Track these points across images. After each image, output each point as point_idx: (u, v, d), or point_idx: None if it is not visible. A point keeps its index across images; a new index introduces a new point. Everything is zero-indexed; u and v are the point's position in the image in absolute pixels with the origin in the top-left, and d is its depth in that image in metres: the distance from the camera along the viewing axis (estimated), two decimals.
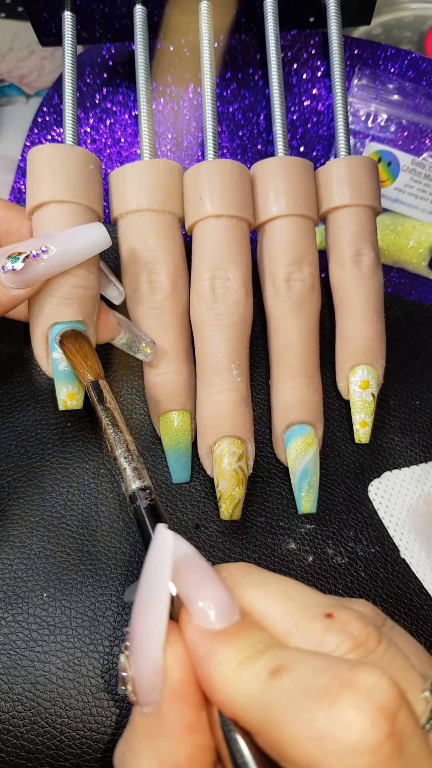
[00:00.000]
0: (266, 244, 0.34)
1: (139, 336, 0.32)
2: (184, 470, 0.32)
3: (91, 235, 0.28)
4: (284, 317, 0.33)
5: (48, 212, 0.31)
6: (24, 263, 0.27)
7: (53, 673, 0.28)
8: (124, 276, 0.33)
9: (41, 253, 0.27)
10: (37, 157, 0.31)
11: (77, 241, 0.28)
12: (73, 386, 0.29)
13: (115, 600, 0.29)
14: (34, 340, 0.30)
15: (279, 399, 0.33)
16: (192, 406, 0.33)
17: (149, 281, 0.32)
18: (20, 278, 0.27)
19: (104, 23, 0.39)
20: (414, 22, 0.51)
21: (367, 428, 0.34)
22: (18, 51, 0.49)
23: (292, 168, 0.34)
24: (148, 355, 0.32)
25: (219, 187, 0.32)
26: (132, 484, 0.25)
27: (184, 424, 0.32)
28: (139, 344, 0.32)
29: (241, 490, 0.30)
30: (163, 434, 0.32)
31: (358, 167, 0.35)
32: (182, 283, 0.33)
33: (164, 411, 0.32)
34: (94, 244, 0.28)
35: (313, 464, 0.32)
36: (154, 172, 0.33)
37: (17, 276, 0.27)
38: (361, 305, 0.34)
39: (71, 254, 0.28)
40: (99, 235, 0.28)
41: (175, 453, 0.32)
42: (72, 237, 0.28)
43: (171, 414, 0.32)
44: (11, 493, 0.31)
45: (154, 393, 0.32)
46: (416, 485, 0.34)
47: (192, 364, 0.33)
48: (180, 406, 0.32)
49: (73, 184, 0.31)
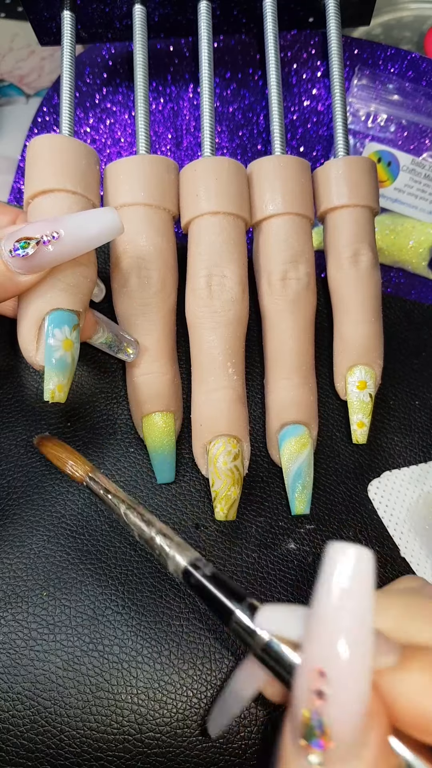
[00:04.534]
0: (262, 242, 0.34)
1: (121, 335, 0.31)
2: (169, 471, 0.32)
3: (104, 220, 0.27)
4: (279, 316, 0.33)
5: (47, 200, 0.30)
6: (34, 249, 0.26)
7: (53, 672, 0.28)
8: (113, 270, 0.32)
9: (52, 240, 0.26)
10: (38, 146, 0.31)
11: (90, 226, 0.26)
12: (64, 377, 0.27)
13: (115, 599, 0.29)
14: (23, 322, 0.28)
15: (273, 399, 0.33)
16: (176, 407, 0.32)
17: (139, 277, 0.32)
18: (29, 264, 0.26)
19: (104, 23, 0.39)
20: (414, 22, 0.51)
21: (365, 428, 0.34)
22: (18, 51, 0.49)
23: (289, 167, 0.34)
24: (131, 355, 0.31)
25: (216, 184, 0.32)
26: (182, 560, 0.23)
27: (168, 425, 0.32)
28: (121, 344, 0.31)
29: (237, 490, 0.30)
30: (146, 436, 0.32)
31: (357, 167, 0.35)
32: (171, 282, 0.32)
33: (147, 412, 0.32)
34: (108, 230, 0.27)
35: (307, 465, 0.31)
36: (149, 166, 0.32)
37: (26, 262, 0.26)
38: (359, 305, 0.34)
39: (83, 241, 0.26)
40: (112, 220, 0.27)
41: (160, 455, 0.32)
42: (84, 222, 0.27)
43: (154, 415, 0.31)
44: (11, 493, 0.31)
45: (138, 394, 0.32)
46: (416, 485, 0.34)
47: (176, 364, 0.33)
48: (164, 407, 0.32)
49: (74, 173, 0.30)
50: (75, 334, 0.28)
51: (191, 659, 0.28)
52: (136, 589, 0.30)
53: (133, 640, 0.29)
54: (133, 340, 0.31)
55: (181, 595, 0.30)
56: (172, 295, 0.33)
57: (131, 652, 0.28)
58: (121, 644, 0.28)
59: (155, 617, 0.29)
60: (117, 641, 0.29)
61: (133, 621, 0.29)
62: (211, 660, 0.29)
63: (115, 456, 0.32)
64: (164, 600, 0.30)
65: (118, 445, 0.33)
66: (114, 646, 0.28)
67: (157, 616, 0.29)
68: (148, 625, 0.29)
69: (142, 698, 0.28)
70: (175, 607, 0.29)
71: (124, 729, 0.27)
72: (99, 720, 0.27)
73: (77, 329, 0.28)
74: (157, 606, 0.29)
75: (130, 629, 0.29)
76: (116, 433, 0.33)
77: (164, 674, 0.28)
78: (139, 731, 0.27)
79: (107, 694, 0.28)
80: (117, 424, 0.33)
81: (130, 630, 0.29)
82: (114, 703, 0.28)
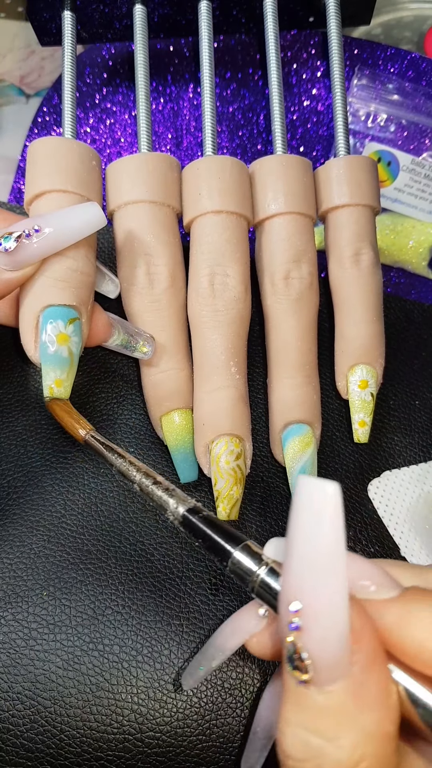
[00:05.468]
0: (264, 242, 0.34)
1: (137, 333, 0.31)
2: (192, 469, 0.32)
3: (85, 213, 0.27)
4: (282, 315, 0.33)
5: (48, 201, 0.30)
6: (17, 242, 0.26)
7: (53, 671, 0.28)
8: (119, 269, 0.32)
9: (33, 233, 0.26)
10: (39, 148, 0.31)
11: (71, 219, 0.27)
12: (62, 371, 0.27)
13: (115, 599, 0.29)
14: (22, 323, 0.29)
15: (276, 398, 0.33)
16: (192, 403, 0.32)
17: (147, 273, 0.31)
18: (13, 259, 0.26)
19: (104, 23, 0.39)
20: (414, 22, 0.51)
21: (366, 428, 0.33)
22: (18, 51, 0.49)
23: (290, 166, 0.34)
24: (147, 353, 0.31)
25: (218, 183, 0.32)
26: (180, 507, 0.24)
27: (188, 422, 0.32)
28: (136, 343, 0.31)
29: (239, 490, 0.30)
30: (166, 435, 0.32)
31: (358, 167, 0.35)
32: (180, 277, 0.32)
33: (167, 410, 0.32)
34: (89, 222, 0.27)
35: (310, 464, 0.31)
36: (152, 164, 0.32)
37: (10, 257, 0.26)
38: (360, 305, 0.34)
39: (65, 234, 0.27)
40: (94, 213, 0.27)
41: (182, 453, 0.32)
42: (66, 216, 0.27)
43: (173, 414, 0.31)
44: (11, 493, 0.31)
45: (155, 392, 0.32)
46: (416, 484, 0.34)
47: (191, 360, 0.33)
48: (183, 404, 0.32)
49: (75, 175, 0.30)
50: (72, 328, 0.28)
51: (191, 659, 0.28)
52: (136, 589, 0.30)
53: (134, 640, 0.29)
54: (148, 336, 0.31)
55: (181, 595, 0.30)
56: (182, 291, 0.32)
57: (131, 652, 0.28)
58: (121, 644, 0.28)
59: (155, 617, 0.29)
60: (117, 641, 0.29)
61: (133, 621, 0.29)
62: None
63: None
64: (164, 600, 0.29)
65: (118, 445, 0.33)
66: (114, 645, 0.28)
67: (157, 616, 0.29)
68: (148, 624, 0.29)
69: (142, 698, 0.28)
70: (175, 607, 0.29)
71: (124, 728, 0.27)
72: (99, 720, 0.27)
73: (75, 323, 0.28)
74: (157, 606, 0.29)
75: (130, 629, 0.29)
76: (116, 433, 0.33)
77: (164, 674, 0.28)
78: (139, 731, 0.27)
79: (107, 693, 0.28)
80: (117, 424, 0.33)
81: (130, 630, 0.29)
82: (114, 702, 0.28)
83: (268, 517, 0.32)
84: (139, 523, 0.31)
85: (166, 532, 0.31)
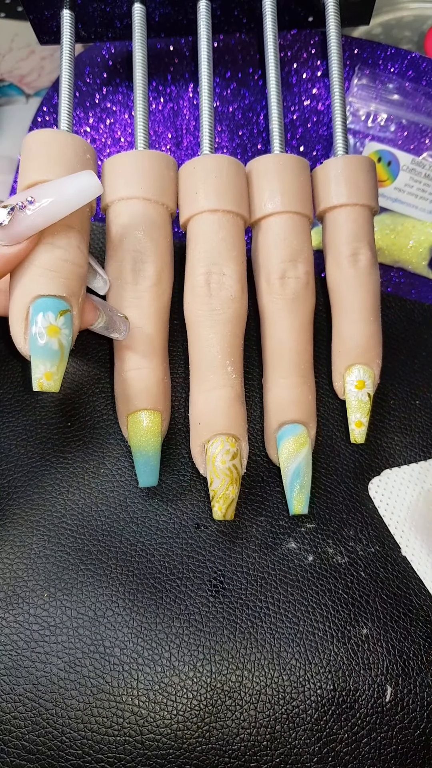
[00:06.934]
0: (261, 241, 0.34)
1: (112, 314, 0.30)
2: (152, 474, 0.31)
3: (81, 181, 0.26)
4: (278, 315, 0.33)
5: None
6: (10, 215, 0.26)
7: (54, 673, 0.28)
8: (108, 262, 0.32)
9: (28, 204, 0.26)
10: (33, 141, 0.31)
11: (67, 188, 0.26)
12: (51, 364, 0.26)
13: (116, 600, 0.29)
14: (12, 313, 0.28)
15: (271, 398, 0.33)
16: (164, 407, 0.31)
17: (134, 269, 0.31)
18: (7, 232, 0.26)
19: (104, 22, 0.39)
20: (414, 22, 0.51)
21: (363, 428, 0.33)
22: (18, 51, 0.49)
23: (288, 165, 0.34)
24: (123, 332, 0.30)
25: (215, 181, 0.32)
26: None
27: (154, 425, 0.31)
28: (115, 323, 0.30)
29: (235, 489, 0.30)
30: (130, 435, 0.31)
31: (356, 166, 0.35)
32: (167, 278, 0.32)
33: (135, 409, 0.31)
34: (85, 190, 0.26)
35: (305, 464, 0.31)
36: (148, 161, 0.32)
37: (5, 231, 0.26)
38: (358, 305, 0.34)
39: (61, 203, 0.26)
40: (89, 180, 0.26)
41: (144, 455, 0.30)
42: (61, 185, 0.26)
43: (140, 413, 0.31)
44: (11, 493, 0.31)
45: (125, 389, 0.31)
46: (416, 483, 0.34)
47: (167, 363, 0.32)
48: (151, 404, 0.31)
49: (68, 167, 0.30)
50: (62, 320, 0.27)
51: (191, 661, 0.28)
52: (137, 590, 0.30)
53: (134, 642, 0.29)
54: (122, 317, 0.30)
55: (181, 597, 0.30)
56: (167, 292, 0.32)
57: (132, 654, 0.28)
58: (122, 646, 0.28)
59: (156, 619, 0.29)
60: (118, 643, 0.28)
61: (134, 623, 0.29)
62: (211, 662, 0.29)
63: (116, 456, 0.32)
64: (165, 601, 0.29)
65: (118, 445, 0.33)
66: (115, 648, 0.28)
67: (158, 618, 0.29)
68: (149, 626, 0.29)
69: (143, 700, 0.28)
70: (176, 609, 0.29)
71: (124, 731, 0.27)
72: (100, 722, 0.27)
73: (65, 315, 0.27)
74: (158, 607, 0.29)
75: (131, 631, 0.29)
76: (116, 432, 0.33)
77: (165, 676, 0.28)
78: (139, 733, 0.27)
79: (108, 696, 0.28)
80: (117, 424, 0.33)
81: (131, 632, 0.29)
82: (115, 705, 0.28)
83: (266, 517, 0.32)
84: (139, 523, 0.31)
85: (166, 533, 0.31)
